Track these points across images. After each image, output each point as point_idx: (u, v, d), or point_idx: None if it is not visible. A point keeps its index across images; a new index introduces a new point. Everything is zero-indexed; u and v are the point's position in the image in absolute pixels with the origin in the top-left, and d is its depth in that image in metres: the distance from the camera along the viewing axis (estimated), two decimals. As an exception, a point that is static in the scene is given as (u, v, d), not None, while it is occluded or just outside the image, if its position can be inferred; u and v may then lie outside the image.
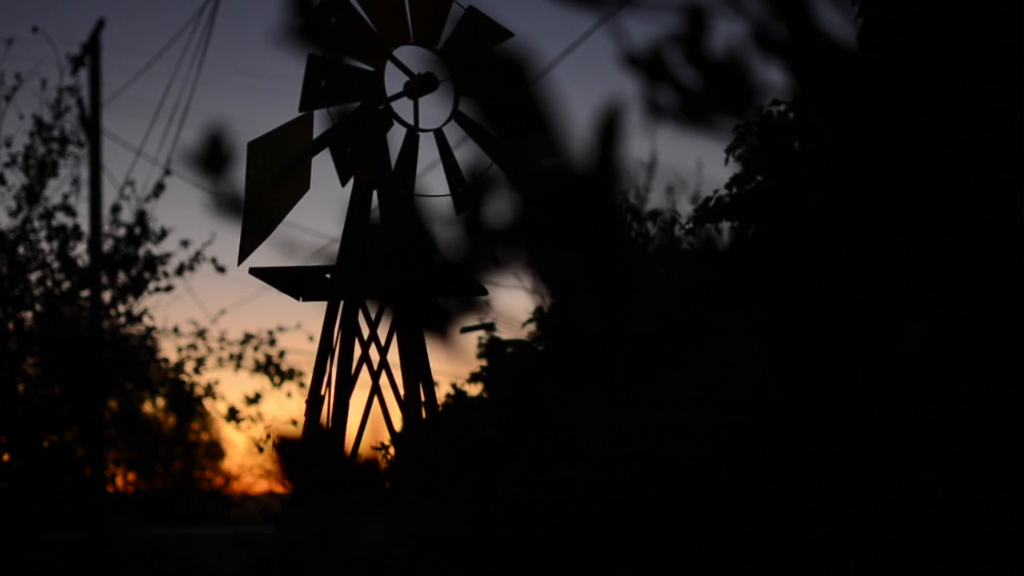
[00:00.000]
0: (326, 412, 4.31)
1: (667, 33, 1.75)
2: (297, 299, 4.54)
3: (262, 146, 4.63)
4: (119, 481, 19.58)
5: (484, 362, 8.81)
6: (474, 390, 9.41)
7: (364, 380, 4.53)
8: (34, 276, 12.21)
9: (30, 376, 12.33)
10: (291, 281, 4.37)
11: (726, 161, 5.91)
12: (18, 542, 12.38)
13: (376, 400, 4.33)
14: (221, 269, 12.69)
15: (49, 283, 12.18)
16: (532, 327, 5.95)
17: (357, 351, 4.35)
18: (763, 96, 1.74)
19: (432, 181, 4.50)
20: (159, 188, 12.64)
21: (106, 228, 12.75)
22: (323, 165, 4.73)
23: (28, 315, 12.19)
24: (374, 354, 4.40)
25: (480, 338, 8.85)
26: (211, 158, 1.14)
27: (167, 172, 12.75)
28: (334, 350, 4.30)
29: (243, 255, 4.52)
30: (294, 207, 4.63)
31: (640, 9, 1.63)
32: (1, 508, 12.21)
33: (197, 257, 12.62)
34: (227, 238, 14.55)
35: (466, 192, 4.39)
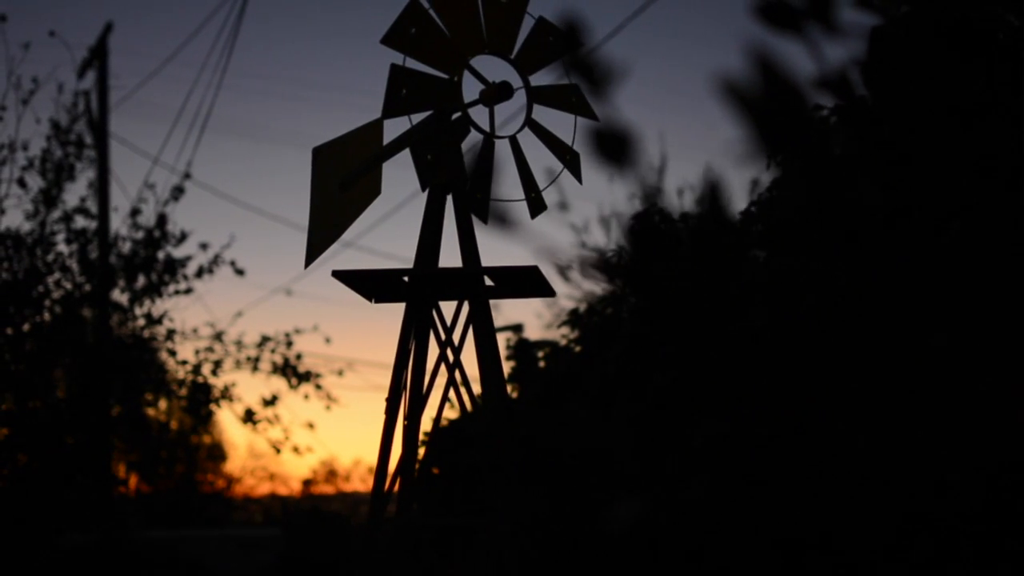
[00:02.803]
0: (403, 411, 4.44)
1: (851, 56, 1.89)
2: (370, 300, 4.66)
3: (329, 152, 4.75)
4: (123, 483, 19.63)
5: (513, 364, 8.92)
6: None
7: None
8: (52, 279, 12.28)
9: (47, 378, 12.39)
10: (368, 283, 4.50)
11: (767, 166, 6.04)
12: (33, 543, 12.44)
13: (453, 395, 4.47)
14: (240, 272, 12.78)
15: (69, 285, 12.25)
16: (565, 329, 6.02)
17: (431, 352, 4.49)
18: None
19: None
20: (178, 191, 12.73)
21: (124, 231, 12.85)
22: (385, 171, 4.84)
23: (47, 317, 12.26)
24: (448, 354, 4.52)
25: (508, 340, 9.00)
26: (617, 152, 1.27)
27: (187, 175, 12.85)
28: (411, 350, 4.43)
29: (311, 258, 4.64)
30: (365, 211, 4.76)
31: (834, 34, 1.77)
32: (17, 509, 12.26)
33: (216, 260, 12.71)
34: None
35: (539, 196, 4.52)
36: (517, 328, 8.69)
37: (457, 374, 4.46)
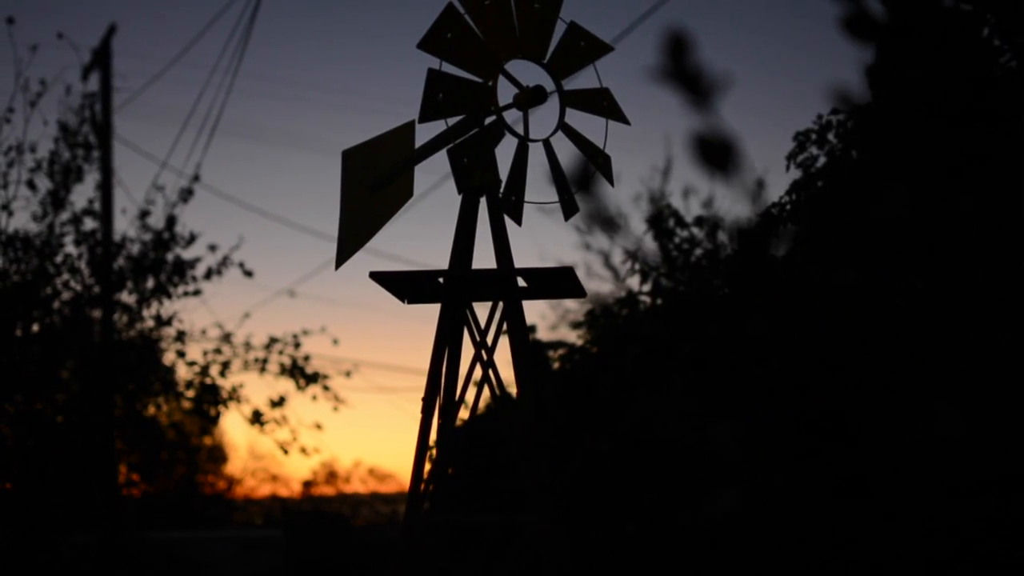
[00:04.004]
0: (438, 411, 4.50)
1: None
2: (403, 301, 4.72)
3: (359, 154, 4.81)
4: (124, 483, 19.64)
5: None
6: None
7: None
8: (60, 281, 12.29)
9: (54, 379, 12.41)
10: (404, 285, 4.56)
11: (787, 168, 6.11)
12: (39, 544, 12.48)
13: (487, 393, 4.53)
14: (248, 273, 12.84)
15: (79, 287, 12.28)
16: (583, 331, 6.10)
17: (465, 352, 4.55)
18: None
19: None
20: (187, 193, 12.77)
21: (133, 233, 12.89)
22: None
23: (55, 319, 12.28)
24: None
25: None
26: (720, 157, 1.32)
27: (195, 178, 12.90)
28: (446, 350, 4.49)
29: (340, 260, 4.69)
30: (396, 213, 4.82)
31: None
32: (23, 510, 12.29)
33: (225, 261, 12.75)
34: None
35: (572, 199, 4.59)
36: (530, 329, 8.76)
37: (491, 373, 4.53)
